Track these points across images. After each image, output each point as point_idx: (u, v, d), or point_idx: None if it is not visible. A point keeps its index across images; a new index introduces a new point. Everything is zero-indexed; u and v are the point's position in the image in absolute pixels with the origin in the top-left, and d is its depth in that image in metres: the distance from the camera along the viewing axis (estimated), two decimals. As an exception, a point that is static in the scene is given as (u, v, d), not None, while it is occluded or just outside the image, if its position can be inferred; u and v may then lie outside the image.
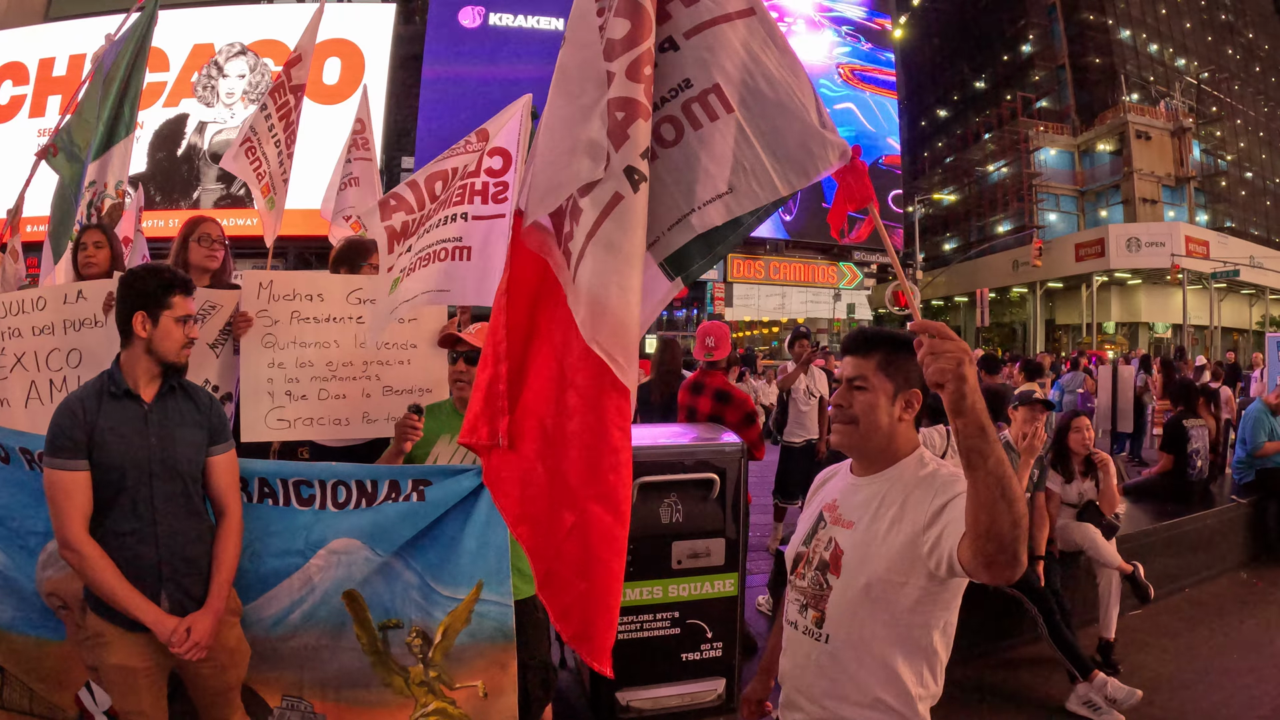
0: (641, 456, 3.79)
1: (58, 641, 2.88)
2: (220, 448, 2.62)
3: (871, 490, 1.85)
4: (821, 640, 1.83)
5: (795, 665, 1.92)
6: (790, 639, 1.95)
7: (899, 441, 1.86)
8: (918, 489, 1.75)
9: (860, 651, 1.77)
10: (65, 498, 2.34)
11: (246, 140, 4.34)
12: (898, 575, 1.71)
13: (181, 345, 2.52)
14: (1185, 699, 4.39)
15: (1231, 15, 45.06)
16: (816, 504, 2.02)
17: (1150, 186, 36.10)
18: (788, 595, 1.99)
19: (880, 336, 1.89)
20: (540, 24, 27.97)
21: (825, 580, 1.84)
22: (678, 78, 1.93)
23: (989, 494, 1.42)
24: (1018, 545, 1.43)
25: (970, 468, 1.45)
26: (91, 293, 3.57)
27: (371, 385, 3.50)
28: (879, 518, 1.78)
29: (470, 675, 2.77)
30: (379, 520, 2.76)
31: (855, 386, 1.86)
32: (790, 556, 2.02)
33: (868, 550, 1.76)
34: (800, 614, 1.90)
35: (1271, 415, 7.53)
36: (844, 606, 1.78)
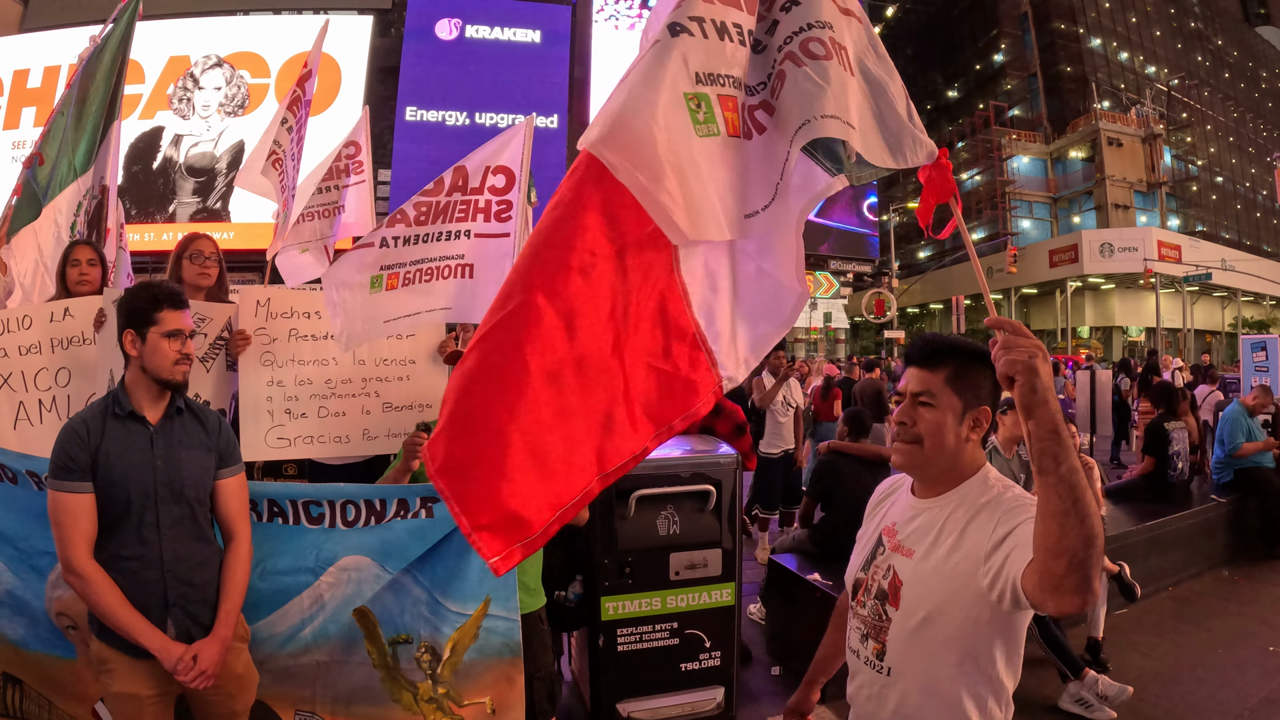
0: (639, 469, 3.79)
1: (70, 659, 2.85)
2: (229, 470, 2.58)
3: (932, 515, 1.73)
4: (883, 673, 1.74)
5: (859, 692, 1.84)
6: (854, 666, 1.87)
7: (964, 462, 1.72)
8: (981, 514, 1.63)
9: (922, 686, 1.68)
10: (69, 520, 2.29)
11: (273, 154, 4.32)
12: (959, 609, 1.60)
13: (173, 361, 2.44)
14: (1175, 693, 4.47)
15: (1200, 23, 45.96)
16: (875, 525, 1.91)
17: (1122, 192, 36.64)
18: (850, 620, 1.89)
19: (950, 347, 1.74)
20: (516, 36, 27.96)
21: (884, 611, 1.74)
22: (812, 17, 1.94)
23: (1060, 503, 1.30)
24: (1090, 567, 1.29)
25: (1041, 472, 1.34)
26: (79, 310, 3.54)
27: (371, 402, 3.50)
28: (938, 545, 1.67)
29: (479, 691, 2.78)
30: (389, 538, 2.76)
31: (921, 403, 1.72)
32: (850, 581, 1.92)
33: (927, 581, 1.66)
34: (861, 643, 1.81)
35: (1249, 416, 7.68)
36: (904, 640, 1.69)
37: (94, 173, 4.57)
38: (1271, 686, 4.57)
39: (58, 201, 4.45)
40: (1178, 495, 7.05)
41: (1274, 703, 4.39)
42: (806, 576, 4.60)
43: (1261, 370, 10.68)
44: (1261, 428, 7.75)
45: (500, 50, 27.68)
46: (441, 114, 26.80)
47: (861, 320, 34.27)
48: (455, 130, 26.63)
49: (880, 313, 30.47)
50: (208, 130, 26.05)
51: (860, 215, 31.11)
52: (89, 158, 4.55)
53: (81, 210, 4.49)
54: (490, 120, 26.86)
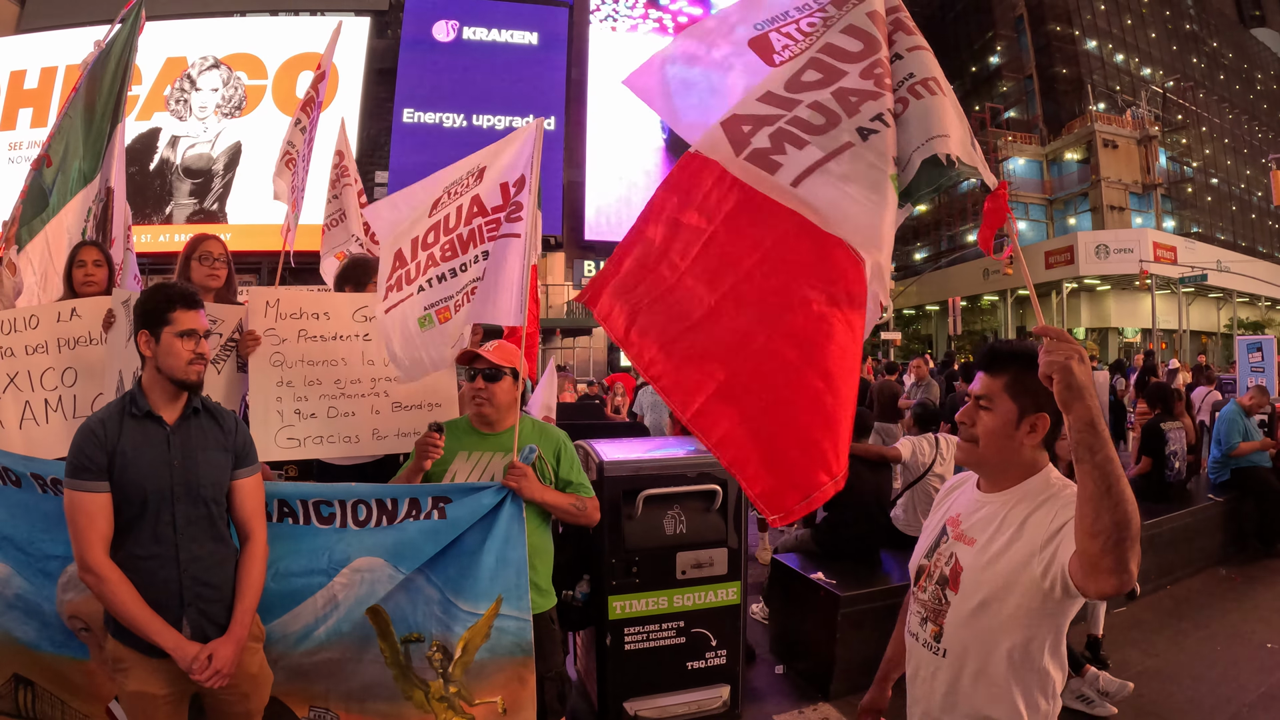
0: (646, 469, 3.86)
1: (83, 660, 2.86)
2: (245, 471, 2.58)
3: (994, 508, 1.84)
4: (939, 655, 1.85)
5: (915, 675, 1.97)
6: (911, 649, 1.99)
7: (1023, 461, 1.83)
8: (1039, 509, 1.73)
9: (974, 668, 1.79)
10: (85, 520, 2.30)
11: (287, 154, 4.36)
12: (1013, 595, 1.71)
13: (188, 361, 2.44)
14: (1174, 689, 4.52)
15: (1196, 25, 46.12)
16: (941, 516, 2.02)
17: (1118, 194, 36.74)
18: (910, 606, 2.01)
19: (1013, 354, 1.84)
20: (514, 38, 27.97)
21: (944, 595, 1.85)
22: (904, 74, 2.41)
23: (1094, 488, 1.44)
24: (1124, 550, 1.42)
25: (1079, 461, 1.47)
26: (86, 310, 3.55)
27: (380, 402, 3.50)
28: (998, 536, 1.78)
29: (490, 690, 2.79)
30: (402, 539, 2.78)
31: (980, 405, 1.85)
32: (913, 568, 2.03)
33: (985, 569, 1.77)
34: (920, 626, 1.93)
35: (1245, 416, 7.73)
36: (960, 623, 1.80)
37: (100, 177, 4.59)
38: (1269, 682, 4.61)
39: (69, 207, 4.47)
40: (1175, 495, 7.08)
41: (1271, 698, 4.43)
42: (810, 576, 4.63)
43: (1257, 371, 10.74)
44: (1258, 427, 7.80)
45: (498, 52, 27.69)
46: (439, 116, 26.80)
47: (858, 321, 34.15)
48: (452, 132, 26.64)
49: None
50: (204, 131, 26.03)
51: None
52: (96, 163, 4.58)
53: (91, 215, 4.51)
54: (488, 122, 26.87)
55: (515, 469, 2.80)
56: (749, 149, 2.36)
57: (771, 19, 2.63)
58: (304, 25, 26.89)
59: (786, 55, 2.53)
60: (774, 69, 2.51)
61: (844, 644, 4.38)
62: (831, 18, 2.52)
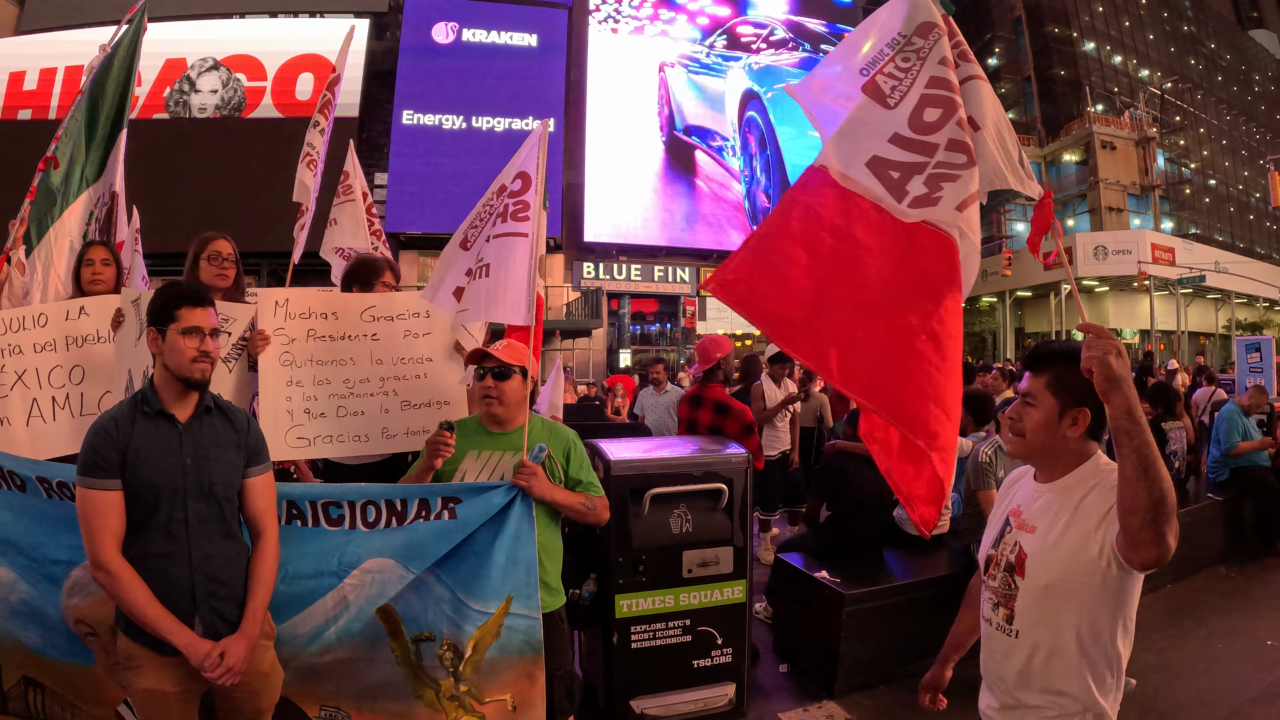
0: (653, 468, 3.88)
1: (88, 667, 2.86)
2: (257, 469, 2.58)
3: (1051, 497, 1.97)
4: (1012, 636, 1.99)
5: (990, 658, 2.09)
6: (986, 634, 2.12)
7: (1070, 452, 1.96)
8: (1092, 493, 1.87)
9: (1045, 647, 1.91)
10: (97, 518, 2.30)
11: (307, 155, 4.39)
12: (1074, 576, 1.84)
13: (191, 359, 2.43)
14: (1175, 686, 4.54)
15: (1193, 26, 46.21)
16: (1004, 508, 2.15)
17: (1116, 195, 36.81)
18: (982, 594, 2.15)
19: (1054, 354, 1.99)
20: (513, 39, 27.97)
21: (1013, 581, 1.99)
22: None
23: (1132, 470, 1.60)
24: (1161, 523, 1.58)
25: (1118, 446, 1.64)
26: (94, 309, 3.57)
27: (389, 401, 3.50)
28: (1056, 522, 1.91)
29: (500, 689, 2.80)
30: (412, 539, 2.78)
31: (1026, 402, 2.00)
32: (982, 558, 2.16)
33: (1047, 553, 1.90)
34: (993, 611, 2.06)
35: (1244, 416, 7.77)
36: (1029, 605, 1.93)
37: (104, 180, 4.61)
38: (1269, 679, 4.64)
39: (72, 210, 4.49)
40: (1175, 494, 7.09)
41: (1272, 694, 4.46)
42: (814, 574, 4.65)
43: (1256, 371, 10.76)
44: (1257, 427, 7.84)
45: (497, 54, 27.69)
46: (438, 117, 26.80)
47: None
48: (452, 133, 26.64)
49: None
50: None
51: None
52: (99, 168, 4.60)
53: (93, 219, 4.53)
54: (487, 124, 26.88)
55: (525, 468, 2.81)
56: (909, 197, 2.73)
57: (872, 61, 2.99)
58: (303, 27, 26.91)
59: (897, 96, 2.86)
60: (890, 111, 2.83)
61: (848, 642, 4.40)
62: (921, 49, 2.90)
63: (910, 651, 4.64)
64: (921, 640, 4.69)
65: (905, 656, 4.61)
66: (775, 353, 7.42)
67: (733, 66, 29.90)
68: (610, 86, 28.74)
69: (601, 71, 28.69)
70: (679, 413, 5.28)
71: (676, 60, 29.53)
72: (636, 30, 29.44)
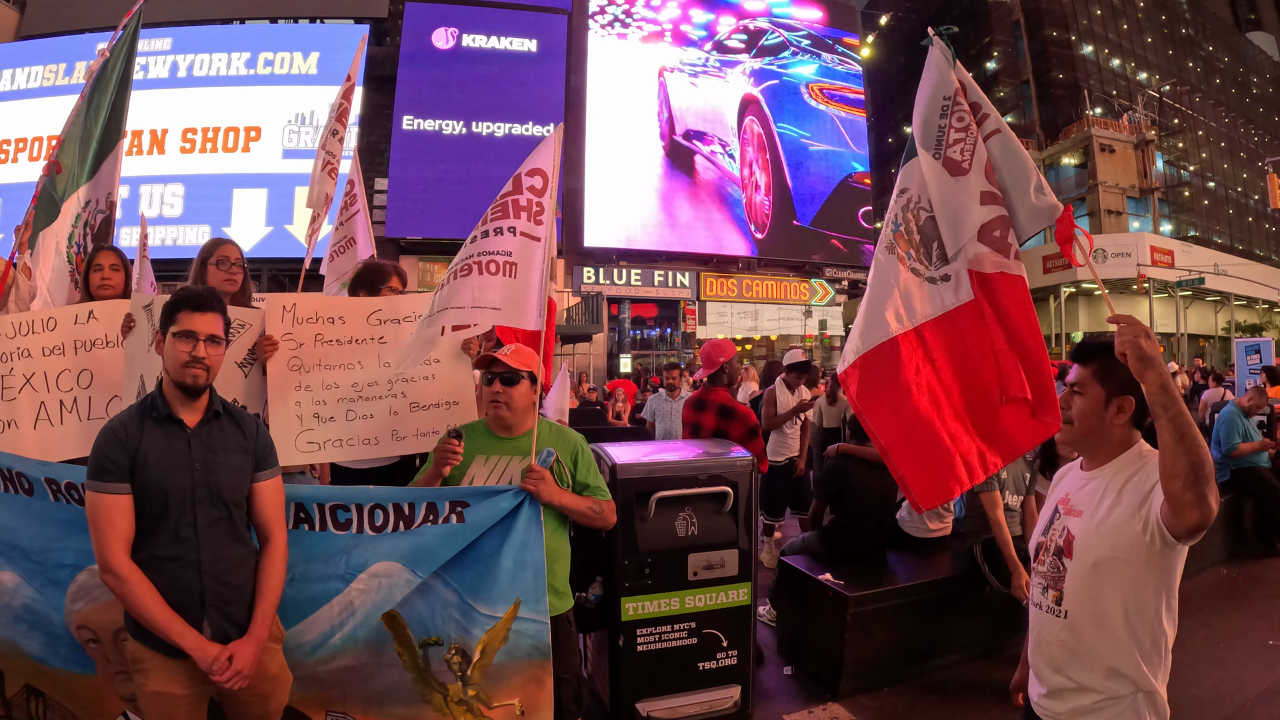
0: (659, 471, 3.90)
1: (88, 676, 2.86)
2: (266, 474, 2.60)
3: (1096, 482, 2.08)
4: (1061, 616, 2.07)
5: (1041, 640, 2.16)
6: (1035, 619, 2.20)
7: (1115, 439, 2.08)
8: (1135, 476, 1.98)
9: (1094, 624, 2.01)
10: (106, 521, 2.31)
11: (328, 164, 4.40)
12: (1120, 552, 1.94)
13: (182, 363, 2.42)
14: (1176, 686, 4.47)
15: (1191, 29, 46.29)
16: (1053, 500, 2.25)
17: (1115, 198, 36.84)
18: (1031, 581, 2.24)
19: (1100, 347, 2.10)
20: (513, 45, 27.99)
21: (1061, 563, 2.08)
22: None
23: (1170, 438, 1.74)
24: (1201, 485, 1.71)
25: (1156, 418, 1.79)
26: (103, 313, 3.58)
27: (398, 403, 3.51)
28: (1102, 504, 2.02)
29: (508, 693, 2.80)
30: (419, 543, 2.79)
31: (1075, 391, 2.12)
32: (1032, 547, 2.27)
33: (1094, 533, 2.00)
34: (1043, 595, 2.15)
35: (1245, 417, 7.79)
36: (1078, 584, 2.03)
37: (99, 186, 4.59)
38: (1271, 679, 4.65)
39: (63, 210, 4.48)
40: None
41: (1273, 694, 4.47)
42: (818, 577, 4.66)
43: (1255, 373, 10.80)
44: (1257, 428, 7.86)
45: (497, 59, 27.70)
46: (438, 123, 26.81)
47: (856, 326, 34.23)
48: (452, 139, 26.65)
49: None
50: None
51: (856, 224, 31.16)
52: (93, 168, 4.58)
53: (81, 222, 4.50)
54: (487, 129, 26.90)
55: (533, 472, 2.82)
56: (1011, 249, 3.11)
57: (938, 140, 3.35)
58: (303, 33, 26.94)
59: (967, 157, 3.18)
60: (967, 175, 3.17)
61: (852, 644, 4.41)
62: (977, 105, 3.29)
63: (914, 653, 4.66)
64: (926, 641, 4.72)
65: (910, 658, 4.62)
66: (793, 360, 7.42)
67: (732, 71, 29.95)
68: (610, 91, 28.75)
69: (601, 76, 28.69)
70: (683, 416, 5.31)
71: (676, 65, 29.56)
72: (636, 35, 29.47)
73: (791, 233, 29.99)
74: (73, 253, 4.30)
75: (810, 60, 31.29)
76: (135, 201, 24.55)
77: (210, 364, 2.48)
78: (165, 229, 24.67)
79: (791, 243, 30.19)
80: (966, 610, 4.73)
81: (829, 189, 30.55)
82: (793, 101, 30.37)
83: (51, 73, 25.45)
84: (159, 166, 25.33)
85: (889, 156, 48.77)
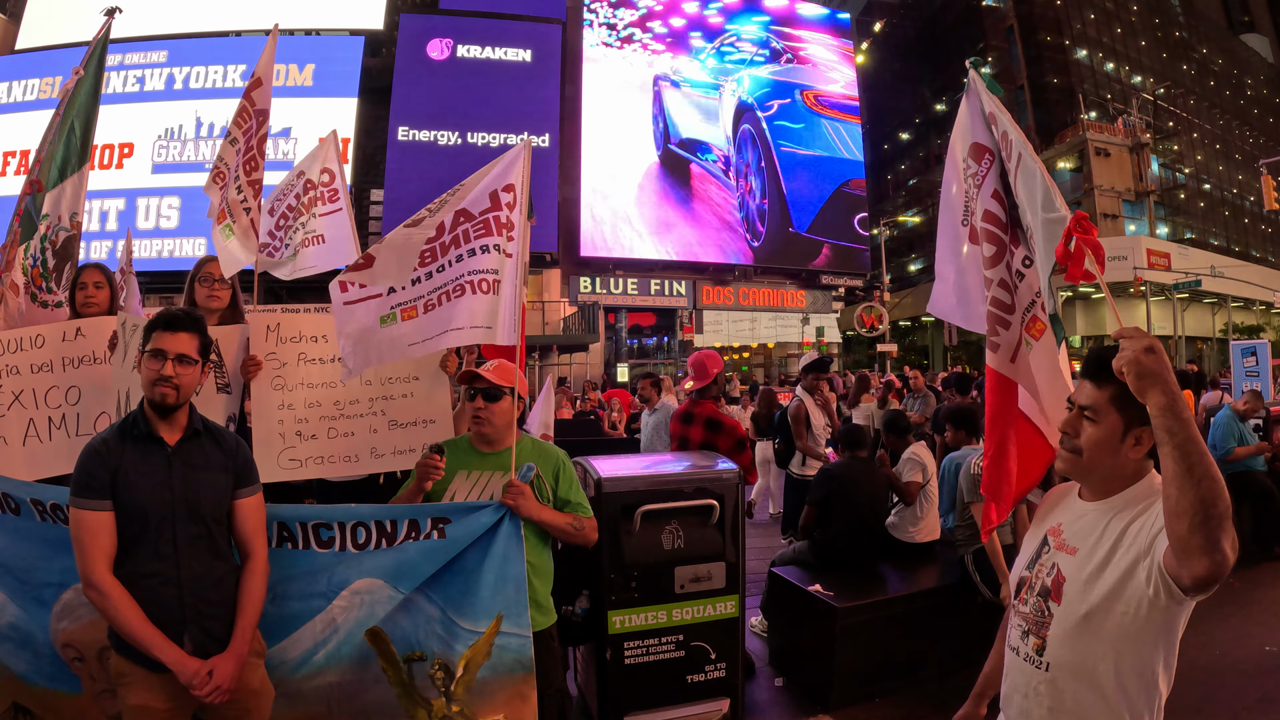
0: (643, 485, 3.89)
1: (74, 695, 2.86)
2: (246, 491, 2.62)
3: (1096, 516, 1.79)
4: (1042, 669, 1.80)
5: (1015, 690, 1.90)
6: (1011, 664, 1.93)
7: (1127, 473, 1.78)
8: (1143, 515, 1.69)
9: (1079, 682, 1.74)
10: (89, 537, 2.34)
11: (218, 172, 4.16)
12: (1118, 605, 1.66)
13: (150, 380, 2.45)
14: (1175, 693, 4.49)
15: (1185, 32, 46.48)
16: (1042, 527, 1.97)
17: (1111, 202, 36.90)
18: (1010, 620, 1.96)
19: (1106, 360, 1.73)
20: (507, 55, 28.08)
21: (1047, 608, 1.80)
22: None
23: (1175, 468, 1.44)
24: (1212, 527, 1.41)
25: (1160, 445, 1.49)
26: (90, 330, 3.59)
27: (378, 421, 3.55)
28: (1100, 545, 1.73)
29: (493, 708, 2.80)
30: (401, 559, 2.80)
31: (1085, 416, 1.79)
32: (1014, 581, 1.98)
33: (1089, 580, 1.72)
34: (1021, 640, 1.87)
35: (1240, 421, 7.78)
36: (1064, 635, 1.75)
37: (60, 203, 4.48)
38: (1269, 685, 4.65)
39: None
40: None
41: (1271, 701, 4.46)
42: (808, 588, 4.65)
43: (1252, 375, 10.80)
44: (1252, 431, 7.85)
45: (491, 70, 27.79)
46: (433, 134, 26.89)
47: (854, 334, 34.39)
48: (447, 150, 26.73)
49: (872, 326, 30.57)
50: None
51: (852, 230, 31.21)
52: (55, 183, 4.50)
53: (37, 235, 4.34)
54: (482, 140, 26.97)
55: (513, 487, 2.82)
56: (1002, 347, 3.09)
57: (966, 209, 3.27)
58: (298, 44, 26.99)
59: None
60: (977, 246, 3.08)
61: (842, 655, 4.40)
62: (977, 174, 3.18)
63: (905, 664, 4.65)
64: (917, 652, 4.70)
65: (900, 669, 4.61)
66: (809, 361, 7.04)
67: (727, 80, 30.04)
68: (605, 101, 28.83)
69: (596, 86, 28.79)
70: (670, 429, 5.29)
71: (671, 74, 29.66)
72: (631, 45, 29.57)
73: (788, 240, 30.03)
74: (28, 265, 4.26)
75: (805, 68, 31.37)
76: (131, 214, 24.62)
77: (180, 383, 2.48)
78: (162, 241, 24.74)
79: (788, 250, 30.23)
80: (958, 620, 4.71)
81: (825, 196, 30.60)
82: (788, 109, 30.45)
83: (48, 85, 25.51)
84: (155, 179, 25.37)
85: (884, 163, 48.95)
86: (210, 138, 25.58)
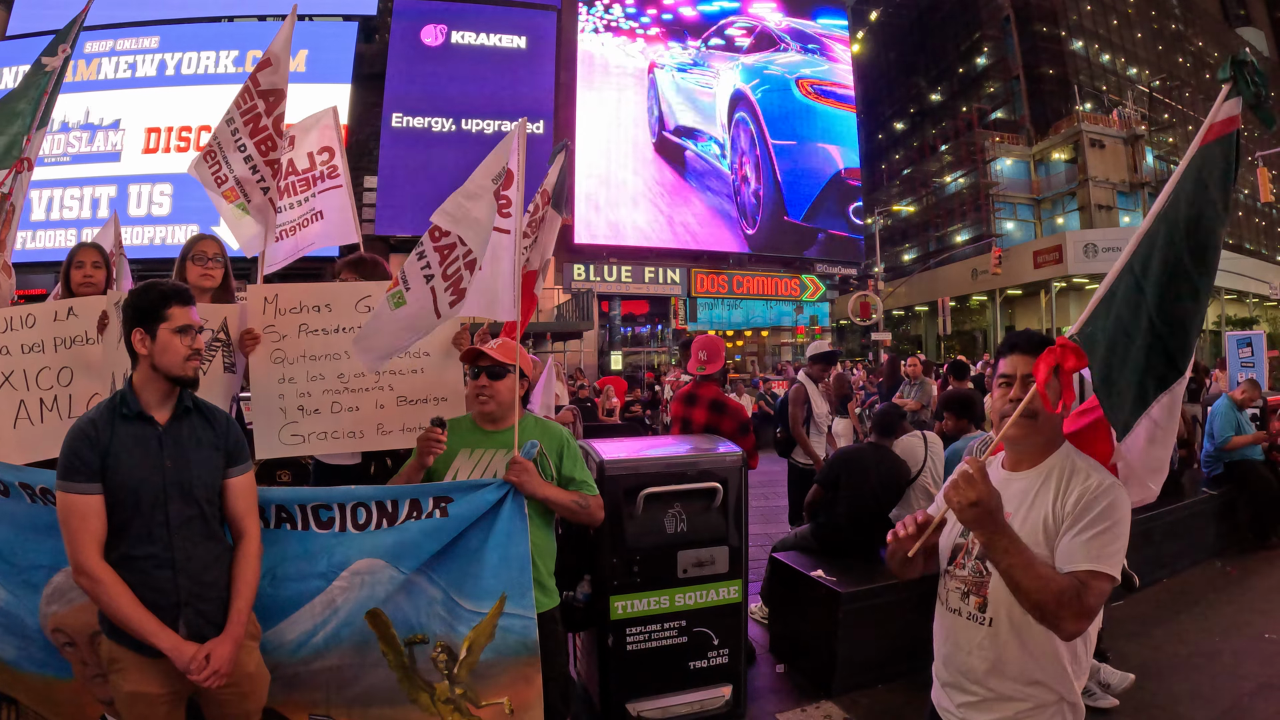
0: (646, 468, 3.84)
1: (65, 680, 2.81)
2: (238, 470, 2.56)
3: (1027, 483, 2.00)
4: (985, 624, 1.97)
5: (958, 649, 2.04)
6: (952, 626, 2.07)
7: (1058, 436, 2.03)
8: (1069, 480, 1.92)
9: (1020, 633, 1.90)
10: (78, 521, 2.28)
11: (208, 147, 4.03)
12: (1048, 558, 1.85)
13: (185, 357, 2.43)
14: (1174, 680, 4.54)
15: (1181, 24, 46.46)
16: None
17: (1105, 193, 36.91)
18: (946, 584, 2.11)
19: (1044, 339, 2.04)
20: (502, 42, 27.88)
21: (985, 568, 1.97)
22: None
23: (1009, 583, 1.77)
24: (1050, 620, 1.74)
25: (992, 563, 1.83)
26: (82, 310, 3.50)
27: (385, 396, 3.45)
28: (1034, 507, 1.94)
29: (497, 691, 2.75)
30: (402, 539, 2.74)
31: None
32: (948, 549, 2.13)
33: (1024, 538, 1.85)
34: (962, 601, 2.03)
35: (1238, 410, 7.79)
36: (1004, 591, 1.86)
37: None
38: (1267, 673, 4.64)
39: None
40: (1169, 488, 7.07)
41: (1270, 688, 4.46)
42: (810, 574, 4.62)
43: (1247, 366, 10.80)
44: (1250, 421, 7.86)
45: (486, 56, 27.59)
46: (428, 120, 26.69)
47: (847, 323, 34.36)
48: (441, 136, 26.53)
49: (866, 315, 30.57)
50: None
51: (846, 219, 31.15)
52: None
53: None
54: (476, 126, 26.78)
55: (516, 463, 2.77)
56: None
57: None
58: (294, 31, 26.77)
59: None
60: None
61: (845, 641, 4.38)
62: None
63: (908, 649, 4.60)
64: (919, 639, 4.66)
65: (902, 655, 4.57)
66: (819, 351, 6.93)
67: (722, 67, 29.91)
68: (600, 88, 28.68)
69: (591, 73, 28.62)
70: (673, 411, 5.25)
71: (666, 61, 29.52)
72: (626, 32, 29.41)
73: (782, 228, 29.95)
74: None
75: (800, 56, 31.25)
76: (124, 201, 24.39)
77: (204, 355, 2.54)
78: (154, 228, 24.50)
79: (782, 238, 30.17)
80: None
81: (820, 185, 30.52)
82: (783, 98, 30.32)
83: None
84: (147, 165, 25.14)
85: (879, 152, 48.90)
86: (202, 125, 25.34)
